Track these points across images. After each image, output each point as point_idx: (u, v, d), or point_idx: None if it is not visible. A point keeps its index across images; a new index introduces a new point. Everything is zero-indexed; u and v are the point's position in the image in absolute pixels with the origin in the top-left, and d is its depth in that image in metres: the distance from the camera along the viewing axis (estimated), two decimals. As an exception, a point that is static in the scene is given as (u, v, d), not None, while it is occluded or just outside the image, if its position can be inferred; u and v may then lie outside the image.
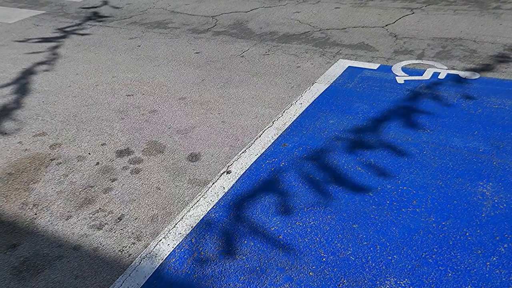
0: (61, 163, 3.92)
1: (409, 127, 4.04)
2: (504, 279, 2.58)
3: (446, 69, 5.08)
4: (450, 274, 2.63)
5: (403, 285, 2.59)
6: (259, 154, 3.82)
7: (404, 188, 3.32)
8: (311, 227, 3.03)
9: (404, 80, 4.89)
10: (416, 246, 2.83)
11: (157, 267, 2.82)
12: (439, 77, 4.91)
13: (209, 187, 3.49)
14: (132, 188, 3.56)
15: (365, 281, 2.63)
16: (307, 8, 7.63)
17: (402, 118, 4.19)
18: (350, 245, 2.87)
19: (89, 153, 4.03)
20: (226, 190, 3.44)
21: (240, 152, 3.88)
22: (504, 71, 4.92)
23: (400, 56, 5.50)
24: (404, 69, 5.13)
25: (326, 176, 3.50)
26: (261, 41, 6.35)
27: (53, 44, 6.78)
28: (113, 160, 3.91)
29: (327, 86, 4.88)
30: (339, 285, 2.62)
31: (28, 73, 5.77)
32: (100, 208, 3.37)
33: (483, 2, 7.22)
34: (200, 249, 2.93)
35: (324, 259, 2.79)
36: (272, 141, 3.99)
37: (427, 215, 3.06)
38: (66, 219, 3.28)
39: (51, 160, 3.97)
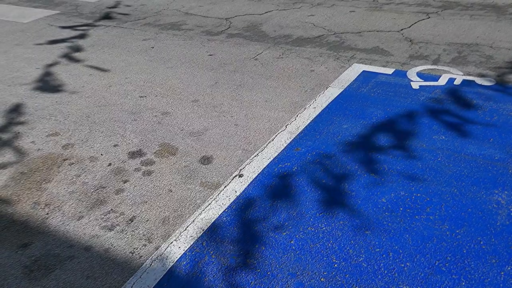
0: (73, 163, 3.93)
1: (423, 134, 4.00)
2: (519, 290, 2.54)
3: (462, 75, 5.02)
4: (463, 283, 2.59)
5: (416, 293, 2.56)
6: (272, 158, 3.80)
7: (418, 195, 3.29)
8: (323, 232, 3.01)
9: (419, 86, 4.84)
10: (429, 254, 2.80)
11: (168, 269, 2.81)
12: (454, 83, 4.86)
13: (221, 190, 3.48)
14: (144, 190, 3.56)
15: (378, 289, 2.61)
16: (322, 11, 7.61)
17: (416, 124, 4.15)
18: (362, 252, 2.85)
19: (101, 154, 4.04)
20: (238, 193, 3.43)
21: (252, 156, 3.87)
22: (520, 78, 4.87)
23: (415, 61, 5.46)
24: (419, 75, 5.09)
25: (339, 181, 3.48)
26: (275, 44, 6.34)
27: (67, 44, 6.82)
28: (125, 162, 3.92)
29: (341, 90, 4.85)
30: (351, 292, 2.60)
31: (42, 73, 5.81)
32: (111, 209, 3.37)
33: (500, 7, 7.14)
34: (211, 252, 2.92)
35: (335, 265, 2.77)
36: (285, 145, 3.97)
37: (441, 223, 3.02)
38: (77, 220, 3.28)
39: (64, 160, 3.98)
